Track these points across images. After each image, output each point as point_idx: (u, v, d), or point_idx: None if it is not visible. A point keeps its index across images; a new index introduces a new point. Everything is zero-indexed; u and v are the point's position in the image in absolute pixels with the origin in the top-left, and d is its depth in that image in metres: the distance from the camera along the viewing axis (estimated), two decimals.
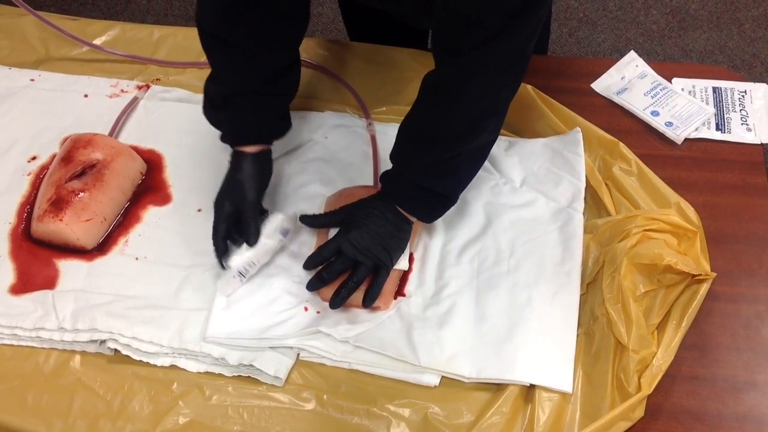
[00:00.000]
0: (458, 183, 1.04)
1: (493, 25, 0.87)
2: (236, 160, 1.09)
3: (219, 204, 1.08)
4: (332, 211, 1.08)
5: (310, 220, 1.09)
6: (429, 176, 1.01)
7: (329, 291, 1.03)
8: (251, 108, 1.08)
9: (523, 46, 0.92)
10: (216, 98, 1.09)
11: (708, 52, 2.44)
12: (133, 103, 1.28)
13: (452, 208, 1.08)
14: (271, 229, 1.08)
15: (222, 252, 1.07)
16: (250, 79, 1.07)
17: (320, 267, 1.05)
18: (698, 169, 1.19)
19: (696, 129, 1.23)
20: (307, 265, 1.05)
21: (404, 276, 1.08)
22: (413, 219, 1.05)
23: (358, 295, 1.03)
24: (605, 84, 1.31)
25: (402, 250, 1.05)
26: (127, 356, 1.02)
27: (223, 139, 1.12)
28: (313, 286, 1.03)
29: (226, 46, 1.04)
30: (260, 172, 1.10)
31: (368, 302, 1.02)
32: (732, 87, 1.29)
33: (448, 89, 0.95)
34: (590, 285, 1.06)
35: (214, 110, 1.10)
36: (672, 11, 2.54)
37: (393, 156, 1.05)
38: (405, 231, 1.05)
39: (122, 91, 1.31)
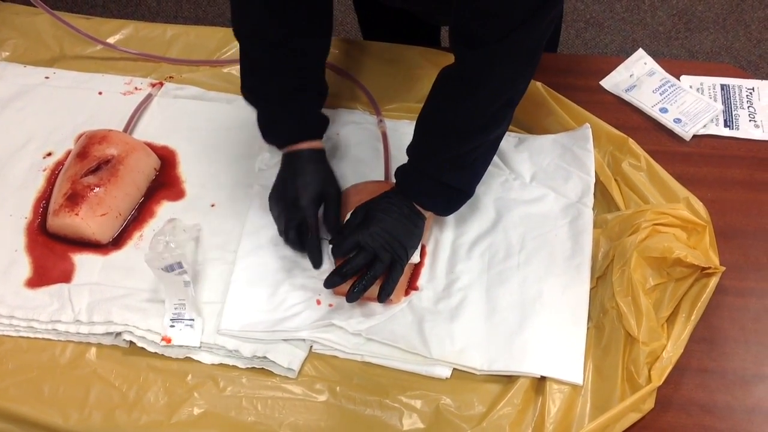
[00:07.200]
0: (474, 176, 1.05)
1: (515, 17, 0.88)
2: (299, 158, 1.10)
3: (303, 207, 1.09)
4: (351, 214, 1.07)
5: (336, 250, 1.06)
6: (447, 171, 1.01)
7: (345, 285, 1.04)
8: (312, 101, 1.13)
9: (541, 38, 0.94)
10: (274, 95, 1.10)
11: (714, 53, 2.45)
12: (147, 100, 1.30)
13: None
14: None
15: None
16: (305, 75, 1.10)
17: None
18: (707, 165, 1.20)
19: (704, 126, 1.24)
20: (335, 252, 1.05)
21: (416, 269, 1.09)
22: (427, 213, 1.06)
23: (372, 289, 1.04)
24: (614, 81, 1.32)
25: (416, 246, 1.06)
26: (142, 348, 1.03)
27: (279, 138, 1.13)
28: (332, 282, 1.03)
29: (272, 46, 1.06)
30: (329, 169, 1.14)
31: (384, 297, 1.03)
32: (740, 84, 1.30)
33: (469, 82, 0.96)
34: (600, 279, 1.07)
35: (271, 107, 1.11)
36: (678, 13, 2.54)
37: (410, 151, 1.06)
38: (419, 227, 1.05)
39: (136, 88, 1.32)
